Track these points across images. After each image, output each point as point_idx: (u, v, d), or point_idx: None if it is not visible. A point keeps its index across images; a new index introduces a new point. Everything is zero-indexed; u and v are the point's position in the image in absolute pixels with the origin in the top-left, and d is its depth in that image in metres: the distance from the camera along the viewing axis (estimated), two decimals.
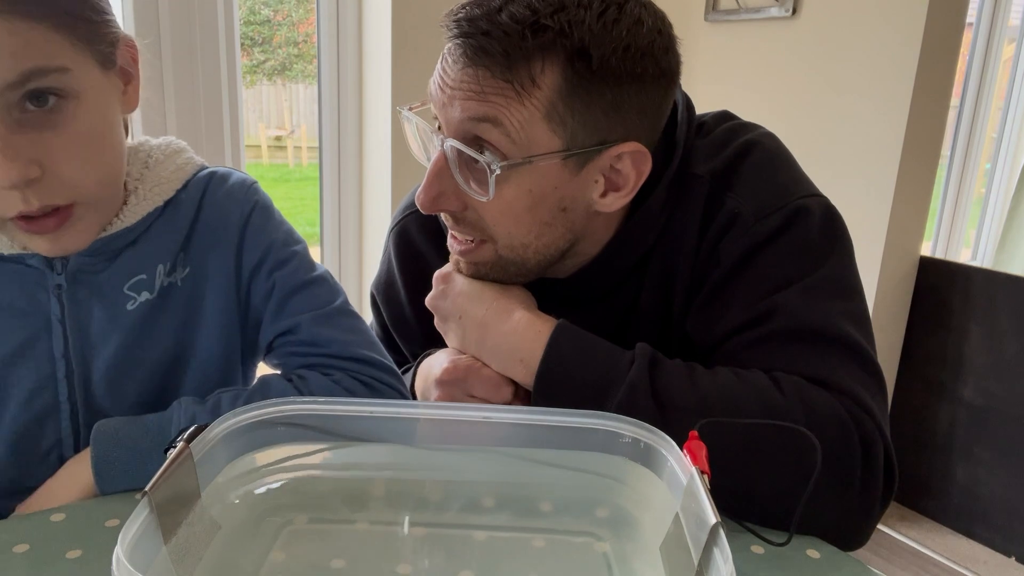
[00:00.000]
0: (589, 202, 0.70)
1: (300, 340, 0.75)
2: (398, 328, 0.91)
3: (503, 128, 0.64)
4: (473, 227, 0.71)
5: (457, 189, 0.68)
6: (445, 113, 0.67)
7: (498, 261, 0.73)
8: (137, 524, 0.40)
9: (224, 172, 0.77)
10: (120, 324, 0.70)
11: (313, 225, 3.64)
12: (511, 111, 0.64)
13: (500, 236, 0.71)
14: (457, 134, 0.66)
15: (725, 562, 0.39)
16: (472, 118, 0.65)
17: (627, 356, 0.67)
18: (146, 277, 0.70)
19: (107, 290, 0.69)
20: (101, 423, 0.66)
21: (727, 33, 2.17)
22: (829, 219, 0.72)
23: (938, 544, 2.06)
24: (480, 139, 0.66)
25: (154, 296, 0.71)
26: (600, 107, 0.65)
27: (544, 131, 0.65)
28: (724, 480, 0.48)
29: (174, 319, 0.73)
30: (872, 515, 0.64)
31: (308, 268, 0.77)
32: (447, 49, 0.67)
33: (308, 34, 6.67)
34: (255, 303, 0.76)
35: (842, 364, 0.66)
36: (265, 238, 0.76)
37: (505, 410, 0.56)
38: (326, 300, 0.77)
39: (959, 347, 2.05)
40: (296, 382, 0.72)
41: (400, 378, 0.78)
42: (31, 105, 0.56)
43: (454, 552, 0.53)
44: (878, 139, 1.88)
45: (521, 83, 0.63)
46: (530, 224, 0.70)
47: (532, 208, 0.68)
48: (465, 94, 0.65)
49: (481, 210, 0.69)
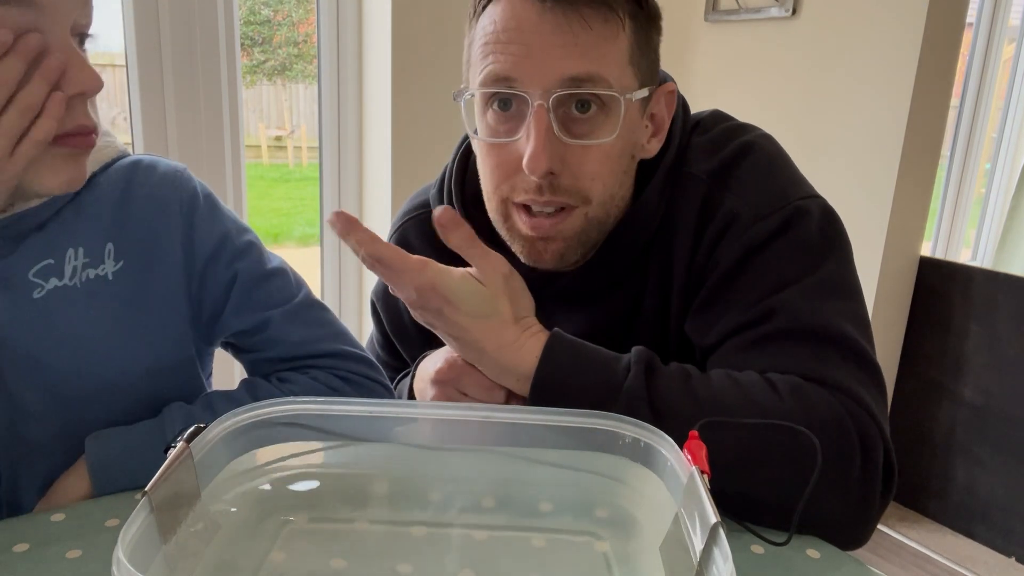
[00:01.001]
0: (639, 147, 0.73)
1: (271, 338, 0.74)
2: (398, 334, 0.91)
3: (607, 70, 0.66)
4: (568, 191, 0.69)
5: (560, 149, 0.67)
6: (532, 66, 0.65)
7: (585, 228, 0.71)
8: (137, 524, 0.40)
9: (151, 160, 0.74)
10: (26, 313, 0.65)
11: (313, 225, 3.63)
12: (610, 52, 0.66)
13: (596, 191, 0.70)
14: (558, 84, 0.65)
15: (725, 562, 0.39)
16: (576, 66, 0.65)
17: (623, 363, 0.66)
18: (54, 262, 0.66)
19: (10, 276, 0.64)
20: (94, 435, 0.65)
21: (727, 33, 2.17)
22: (827, 220, 0.72)
23: (938, 544, 2.06)
24: (582, 85, 0.65)
25: (68, 283, 0.66)
26: (650, 48, 0.70)
27: (630, 74, 0.68)
28: (724, 480, 0.48)
29: (105, 315, 0.68)
30: (871, 514, 0.64)
31: (267, 258, 0.76)
32: (511, 3, 0.66)
33: (308, 34, 6.67)
34: (211, 294, 0.73)
35: (841, 364, 0.66)
36: (218, 227, 0.73)
37: (505, 410, 0.56)
38: (291, 294, 0.76)
39: (959, 347, 2.05)
40: (277, 386, 0.72)
41: (376, 368, 0.78)
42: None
43: (454, 552, 0.53)
44: (878, 139, 1.88)
45: (619, 17, 0.65)
46: (617, 172, 0.71)
47: (621, 153, 0.70)
48: (563, 41, 0.64)
49: (579, 167, 0.68)
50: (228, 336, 0.76)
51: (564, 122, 0.67)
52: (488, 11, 0.68)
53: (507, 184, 0.70)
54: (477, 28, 0.69)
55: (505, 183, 0.70)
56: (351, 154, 1.98)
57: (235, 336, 0.76)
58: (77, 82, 0.57)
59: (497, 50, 0.66)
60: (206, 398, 0.70)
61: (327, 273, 2.03)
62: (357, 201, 2.02)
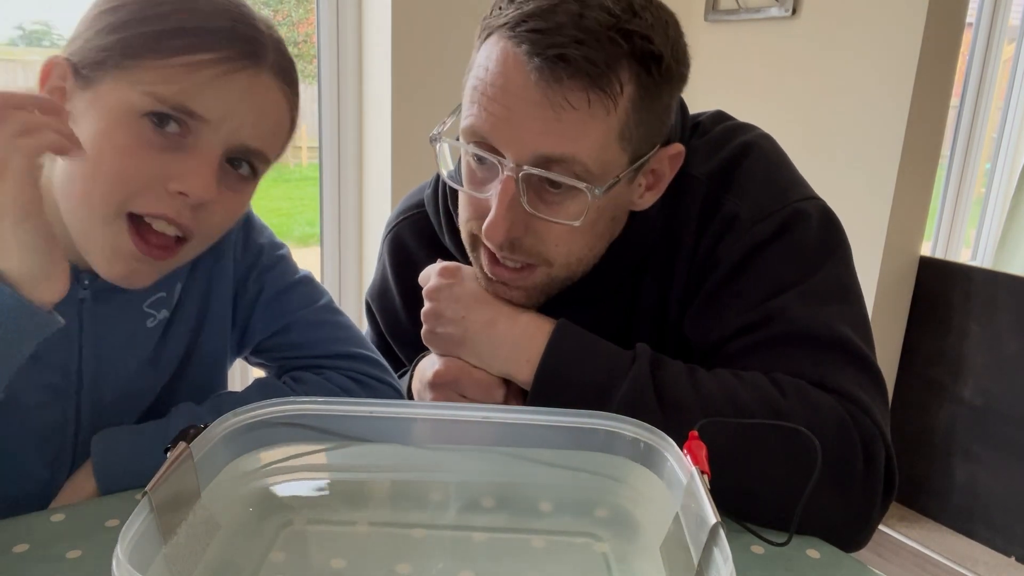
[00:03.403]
0: (625, 206, 0.70)
1: (291, 342, 0.77)
2: (394, 335, 0.91)
3: (586, 153, 0.61)
4: (529, 252, 0.67)
5: (524, 216, 0.64)
6: (510, 132, 0.62)
7: (549, 283, 0.70)
8: (137, 524, 0.40)
9: None
10: (138, 343, 0.69)
11: (313, 225, 3.64)
12: (592, 133, 0.61)
13: (559, 257, 0.68)
14: (531, 160, 0.62)
15: (725, 562, 0.39)
16: (552, 145, 0.61)
17: (628, 355, 0.67)
18: (166, 295, 0.70)
19: (129, 308, 0.68)
20: (100, 433, 0.65)
21: (727, 33, 2.17)
22: (826, 222, 0.72)
23: (938, 544, 2.06)
24: (554, 164, 0.62)
25: (170, 313, 0.71)
26: (656, 113, 0.65)
27: (616, 150, 0.63)
28: (724, 480, 0.48)
29: (182, 332, 0.73)
30: (872, 517, 0.64)
31: (293, 271, 0.79)
32: (505, 54, 0.61)
33: (308, 34, 6.66)
34: (244, 305, 0.77)
35: (843, 368, 0.66)
36: (255, 243, 0.77)
37: (505, 410, 0.56)
38: (313, 299, 0.78)
39: (959, 347, 2.05)
40: (290, 384, 0.73)
41: (388, 371, 0.80)
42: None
43: (454, 552, 0.53)
44: (878, 139, 1.88)
45: (610, 97, 0.60)
46: (590, 239, 0.68)
47: (594, 224, 0.67)
48: (544, 115, 0.60)
49: (544, 234, 0.66)
50: (254, 343, 0.79)
51: (535, 191, 0.64)
52: (488, 46, 0.63)
53: (476, 223, 0.68)
54: (477, 59, 0.65)
55: (474, 221, 0.68)
56: (351, 154, 1.97)
57: (259, 342, 0.78)
58: (179, 180, 0.58)
59: (482, 104, 0.62)
60: (216, 399, 0.71)
61: (327, 273, 2.03)
62: (357, 201, 2.02)
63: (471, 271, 0.74)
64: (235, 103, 0.59)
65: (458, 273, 0.74)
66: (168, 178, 0.58)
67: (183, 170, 0.58)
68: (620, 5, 0.60)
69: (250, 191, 0.66)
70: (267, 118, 0.62)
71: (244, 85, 0.59)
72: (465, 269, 0.75)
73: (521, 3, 0.61)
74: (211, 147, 0.59)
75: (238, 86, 0.59)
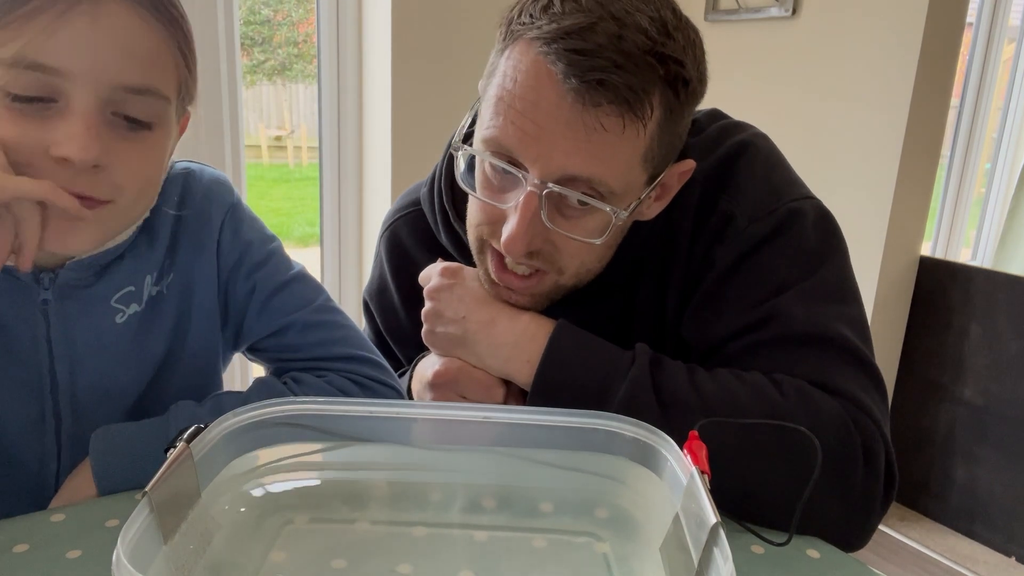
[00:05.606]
0: (639, 215, 0.70)
1: (288, 344, 0.76)
2: (393, 334, 0.91)
3: (612, 174, 0.62)
4: (544, 260, 0.67)
5: (543, 230, 0.64)
6: (538, 149, 0.61)
7: (556, 290, 0.71)
8: (137, 524, 0.40)
9: (198, 170, 0.75)
10: (108, 339, 0.68)
11: (313, 225, 3.63)
12: (621, 155, 0.61)
13: (571, 267, 0.68)
14: (557, 178, 0.62)
15: (725, 562, 0.39)
16: (580, 166, 0.61)
17: (627, 355, 0.67)
18: (134, 289, 0.69)
19: (96, 304, 0.67)
20: (99, 431, 0.65)
21: (727, 33, 2.17)
22: (823, 222, 0.72)
23: (938, 544, 2.06)
24: (579, 182, 0.62)
25: (142, 308, 0.70)
26: (678, 133, 0.65)
27: (639, 171, 0.64)
28: (724, 480, 0.48)
29: (163, 327, 0.72)
30: (872, 517, 0.64)
31: (286, 267, 0.78)
32: (537, 68, 0.60)
33: (308, 34, 6.67)
34: (235, 303, 0.76)
35: (841, 368, 0.66)
36: (241, 239, 0.75)
37: (505, 410, 0.56)
38: (309, 299, 0.77)
39: (959, 347, 2.05)
40: (291, 385, 0.73)
41: (389, 372, 0.79)
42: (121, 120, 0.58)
43: (454, 552, 0.53)
44: (878, 139, 1.88)
45: (642, 121, 0.60)
46: (602, 253, 0.69)
47: (609, 242, 0.68)
48: (575, 135, 0.60)
49: (561, 246, 0.66)
50: (250, 342, 0.78)
51: (556, 206, 0.64)
52: (512, 57, 0.62)
53: (487, 228, 0.68)
54: (499, 69, 0.63)
55: (486, 226, 0.68)
56: (351, 154, 1.98)
57: (255, 341, 0.78)
58: (56, 145, 0.55)
59: (510, 117, 0.61)
60: (216, 399, 0.71)
61: (327, 273, 2.03)
62: (357, 201, 2.02)
63: (472, 271, 0.74)
64: (84, 43, 0.55)
65: (459, 273, 0.74)
66: (48, 146, 0.55)
67: (58, 136, 0.55)
68: (656, 26, 0.59)
69: (156, 139, 0.61)
70: (133, 49, 0.57)
71: (87, 20, 0.55)
72: (466, 269, 0.75)
73: (556, 15, 0.59)
74: (83, 102, 0.55)
75: (81, 22, 0.54)
